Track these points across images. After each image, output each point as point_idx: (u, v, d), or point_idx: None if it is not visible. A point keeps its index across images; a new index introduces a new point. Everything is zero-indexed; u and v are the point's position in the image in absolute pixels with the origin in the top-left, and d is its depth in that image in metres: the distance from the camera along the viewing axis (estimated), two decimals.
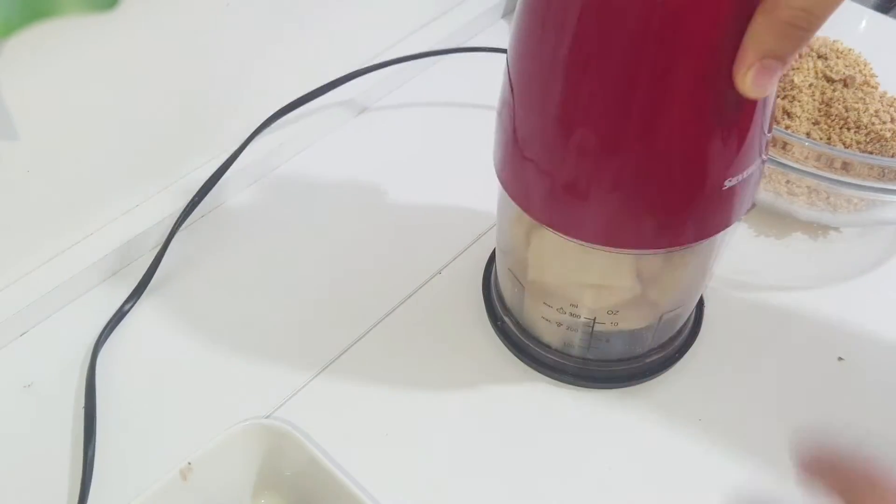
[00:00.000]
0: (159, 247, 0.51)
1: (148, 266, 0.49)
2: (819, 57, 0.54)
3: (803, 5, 0.28)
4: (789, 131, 0.47)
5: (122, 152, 0.49)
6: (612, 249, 0.37)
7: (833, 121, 0.50)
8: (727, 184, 0.34)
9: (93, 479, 0.41)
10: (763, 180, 0.48)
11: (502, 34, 0.67)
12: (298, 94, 0.58)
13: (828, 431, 0.44)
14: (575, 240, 0.37)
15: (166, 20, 0.46)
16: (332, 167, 0.57)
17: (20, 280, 0.48)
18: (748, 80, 0.29)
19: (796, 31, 0.28)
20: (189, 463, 0.39)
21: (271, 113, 0.56)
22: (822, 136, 0.50)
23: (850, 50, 0.55)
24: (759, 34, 0.29)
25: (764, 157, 0.36)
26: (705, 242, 0.37)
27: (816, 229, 0.53)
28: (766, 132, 0.35)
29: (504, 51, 0.36)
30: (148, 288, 0.49)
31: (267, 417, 0.43)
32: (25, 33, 0.23)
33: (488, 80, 0.60)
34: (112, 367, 0.46)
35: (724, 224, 0.36)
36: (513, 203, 0.38)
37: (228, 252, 0.52)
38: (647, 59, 0.30)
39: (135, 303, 0.48)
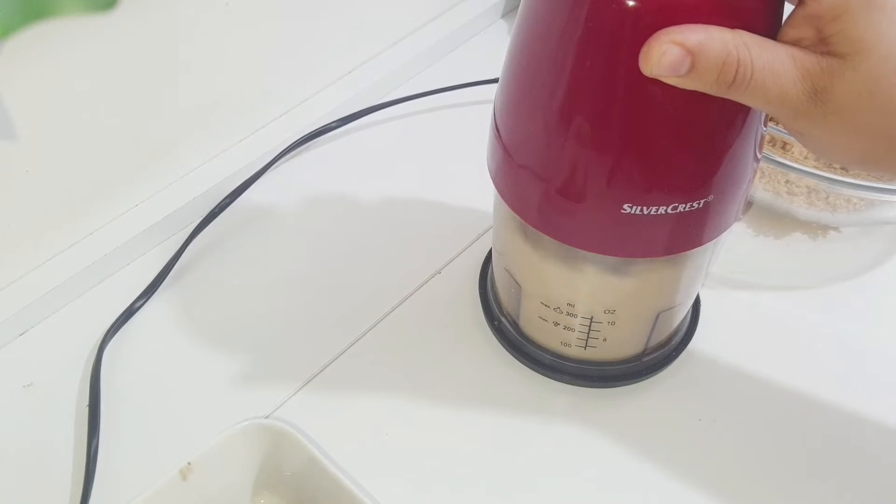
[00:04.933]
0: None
1: (163, 266, 0.50)
2: None
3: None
4: None
5: (121, 152, 0.49)
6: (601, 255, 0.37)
7: None
8: (709, 198, 0.34)
9: (94, 478, 0.41)
10: (762, 180, 0.48)
11: (502, 33, 0.67)
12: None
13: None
14: (565, 244, 0.37)
15: (165, 20, 0.46)
16: (332, 168, 0.57)
17: (20, 280, 0.48)
18: (656, 58, 0.28)
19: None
20: (189, 463, 0.39)
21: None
22: None
23: None
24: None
25: (756, 163, 0.36)
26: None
27: (816, 229, 0.53)
28: (757, 151, 0.35)
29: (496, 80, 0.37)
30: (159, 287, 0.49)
31: (267, 417, 0.43)
32: (25, 33, 0.23)
33: (487, 78, 0.61)
34: (114, 366, 0.46)
35: (708, 237, 0.37)
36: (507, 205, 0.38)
37: (227, 254, 0.52)
38: (630, 70, 0.30)
39: (146, 301, 0.48)
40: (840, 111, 0.28)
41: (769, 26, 0.30)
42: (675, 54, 0.28)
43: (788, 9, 0.30)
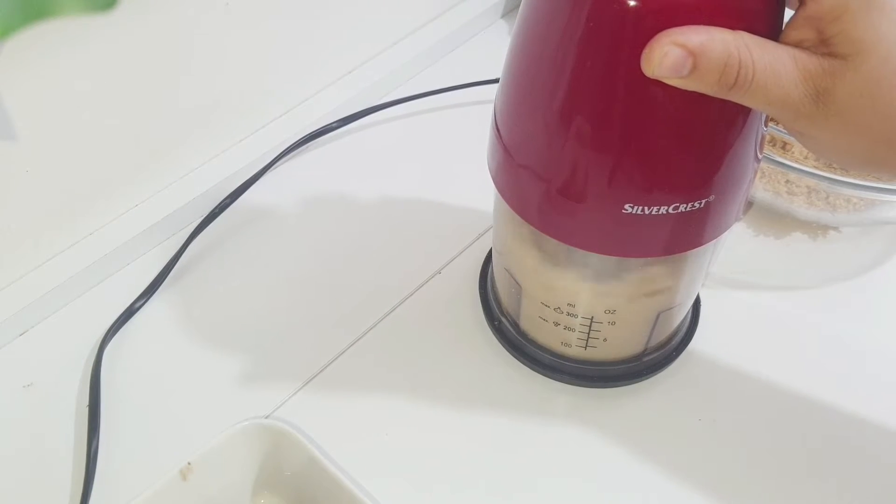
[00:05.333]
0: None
1: (163, 266, 0.50)
2: None
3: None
4: None
5: (121, 152, 0.49)
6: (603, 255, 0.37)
7: None
8: (710, 198, 0.34)
9: (94, 478, 0.41)
10: (762, 180, 0.48)
11: (502, 33, 0.67)
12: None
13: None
14: (568, 245, 0.37)
15: (165, 20, 0.46)
16: (332, 168, 0.57)
17: (20, 280, 0.48)
18: (658, 59, 0.28)
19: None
20: (189, 463, 0.39)
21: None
22: None
23: None
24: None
25: (756, 163, 0.36)
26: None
27: (816, 229, 0.53)
28: (757, 151, 0.35)
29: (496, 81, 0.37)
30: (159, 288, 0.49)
31: (267, 417, 0.43)
32: (25, 33, 0.23)
33: (487, 79, 0.61)
34: (114, 366, 0.46)
35: (709, 237, 0.37)
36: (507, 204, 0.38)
37: (227, 254, 0.52)
38: (631, 70, 0.30)
39: (146, 301, 0.48)
40: (841, 113, 0.28)
41: (771, 27, 0.30)
42: (676, 55, 0.28)
43: (789, 14, 0.30)
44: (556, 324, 0.42)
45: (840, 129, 0.29)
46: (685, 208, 0.34)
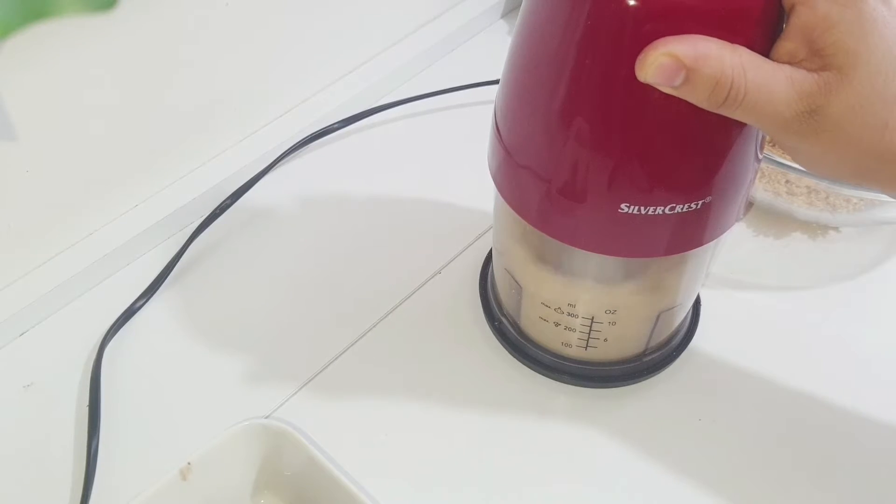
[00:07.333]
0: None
1: (164, 266, 0.50)
2: None
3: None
4: None
5: (121, 152, 0.49)
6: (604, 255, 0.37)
7: None
8: (707, 199, 0.34)
9: (94, 478, 0.41)
10: (762, 180, 0.48)
11: (502, 34, 0.67)
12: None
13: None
14: (568, 245, 0.37)
15: (165, 20, 0.46)
16: (332, 168, 0.57)
17: (20, 280, 0.48)
18: (653, 67, 0.29)
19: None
20: (189, 463, 0.39)
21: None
22: None
23: None
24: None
25: (757, 164, 0.36)
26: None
27: (815, 229, 0.53)
28: (758, 152, 0.35)
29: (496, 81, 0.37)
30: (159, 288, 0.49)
31: (267, 417, 0.43)
32: (24, 33, 0.23)
33: (487, 79, 0.61)
34: (114, 366, 0.46)
35: (708, 238, 0.37)
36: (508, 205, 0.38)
37: (228, 254, 0.52)
38: (630, 71, 0.30)
39: (146, 301, 0.48)
40: (833, 128, 0.28)
41: (770, 36, 0.30)
42: (669, 65, 0.28)
43: None
44: (557, 324, 0.42)
45: (830, 144, 0.29)
46: (682, 209, 0.34)
